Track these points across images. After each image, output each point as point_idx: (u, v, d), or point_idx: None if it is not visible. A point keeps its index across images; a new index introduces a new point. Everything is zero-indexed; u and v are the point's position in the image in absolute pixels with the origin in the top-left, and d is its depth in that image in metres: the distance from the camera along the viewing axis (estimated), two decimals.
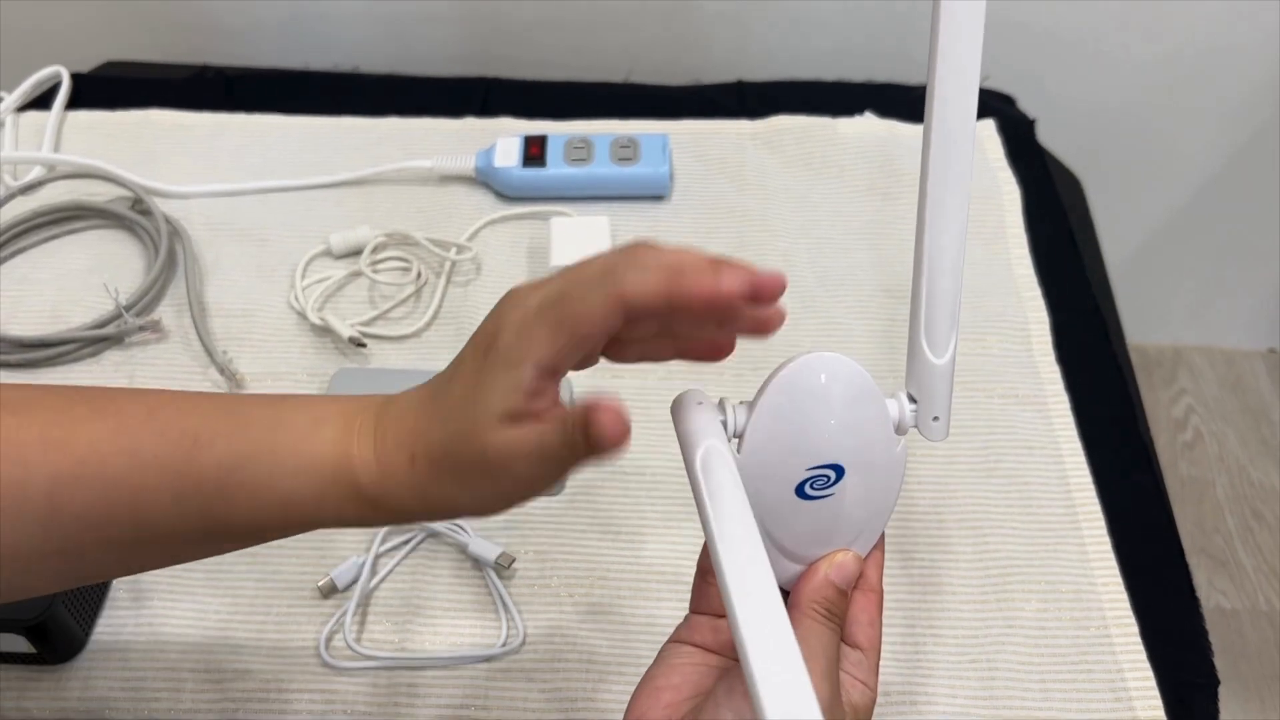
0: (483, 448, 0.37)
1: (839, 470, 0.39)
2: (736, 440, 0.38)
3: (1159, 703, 0.57)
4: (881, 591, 0.42)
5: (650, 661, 0.42)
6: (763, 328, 0.37)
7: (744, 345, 0.39)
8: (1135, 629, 0.60)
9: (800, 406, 0.38)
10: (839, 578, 0.40)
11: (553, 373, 0.36)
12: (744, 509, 0.34)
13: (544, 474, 0.37)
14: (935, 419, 0.40)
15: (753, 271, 0.34)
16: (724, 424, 0.38)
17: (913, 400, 0.40)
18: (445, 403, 0.39)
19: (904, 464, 0.41)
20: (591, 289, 0.35)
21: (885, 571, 0.61)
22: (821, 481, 0.39)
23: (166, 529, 0.40)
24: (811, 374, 0.38)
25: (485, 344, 0.37)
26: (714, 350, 0.39)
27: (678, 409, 0.38)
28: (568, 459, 0.36)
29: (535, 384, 0.36)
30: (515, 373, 0.36)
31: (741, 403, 0.39)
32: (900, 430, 0.40)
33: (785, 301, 0.81)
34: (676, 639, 0.41)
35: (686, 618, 0.42)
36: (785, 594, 0.41)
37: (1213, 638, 0.62)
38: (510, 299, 0.38)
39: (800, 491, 0.39)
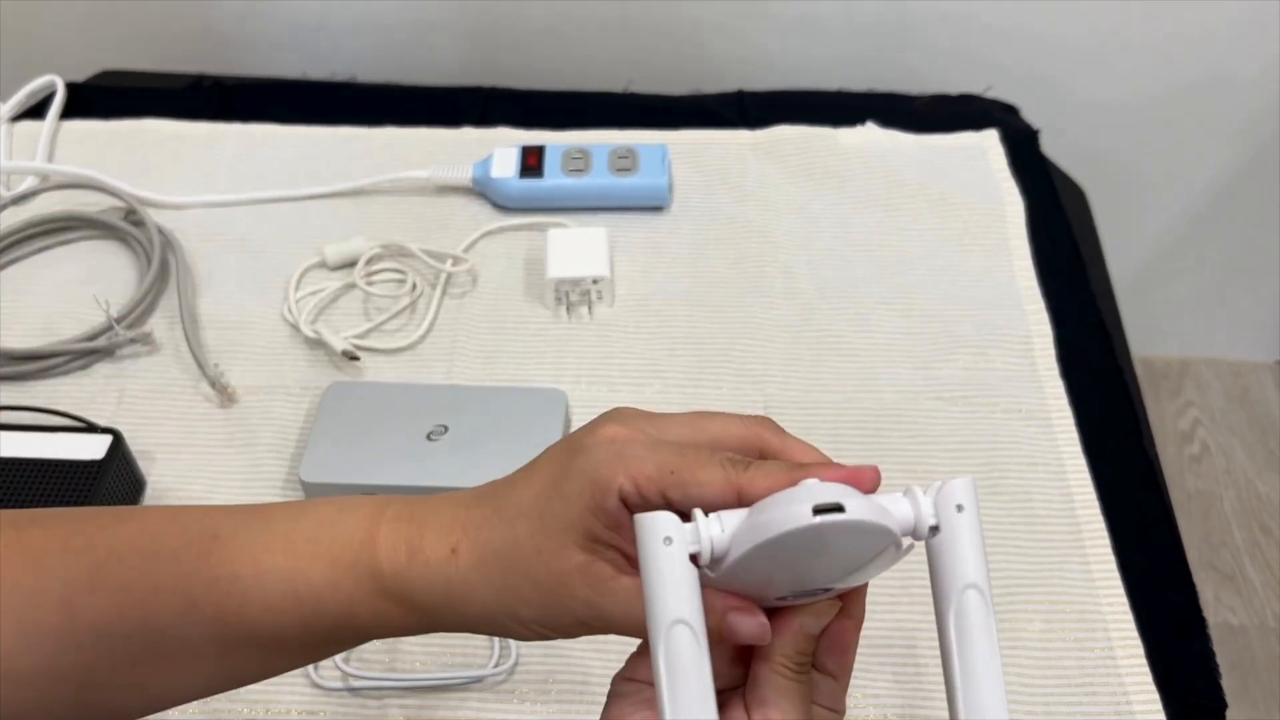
0: (549, 560, 0.35)
1: (826, 589, 0.35)
2: (711, 561, 0.33)
3: None
4: (861, 617, 0.38)
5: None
6: None
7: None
8: (1140, 650, 0.59)
9: (794, 560, 0.32)
10: (814, 626, 0.36)
11: (639, 507, 0.34)
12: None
13: (625, 626, 0.35)
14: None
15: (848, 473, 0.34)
16: (696, 555, 0.32)
17: (934, 530, 0.34)
18: (507, 501, 0.37)
19: (908, 552, 0.35)
20: (712, 468, 0.34)
21: (887, 591, 0.60)
22: (806, 596, 0.35)
23: (177, 638, 0.37)
24: (815, 537, 0.31)
25: (571, 451, 0.36)
26: None
27: (641, 543, 0.32)
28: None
29: (619, 513, 0.34)
30: (601, 493, 0.34)
31: (721, 515, 0.33)
32: (916, 537, 0.34)
33: (784, 314, 0.80)
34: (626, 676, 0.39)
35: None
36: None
37: (1220, 654, 0.61)
38: (615, 415, 0.37)
39: (780, 598, 0.35)
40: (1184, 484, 1.41)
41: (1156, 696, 0.57)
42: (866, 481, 0.34)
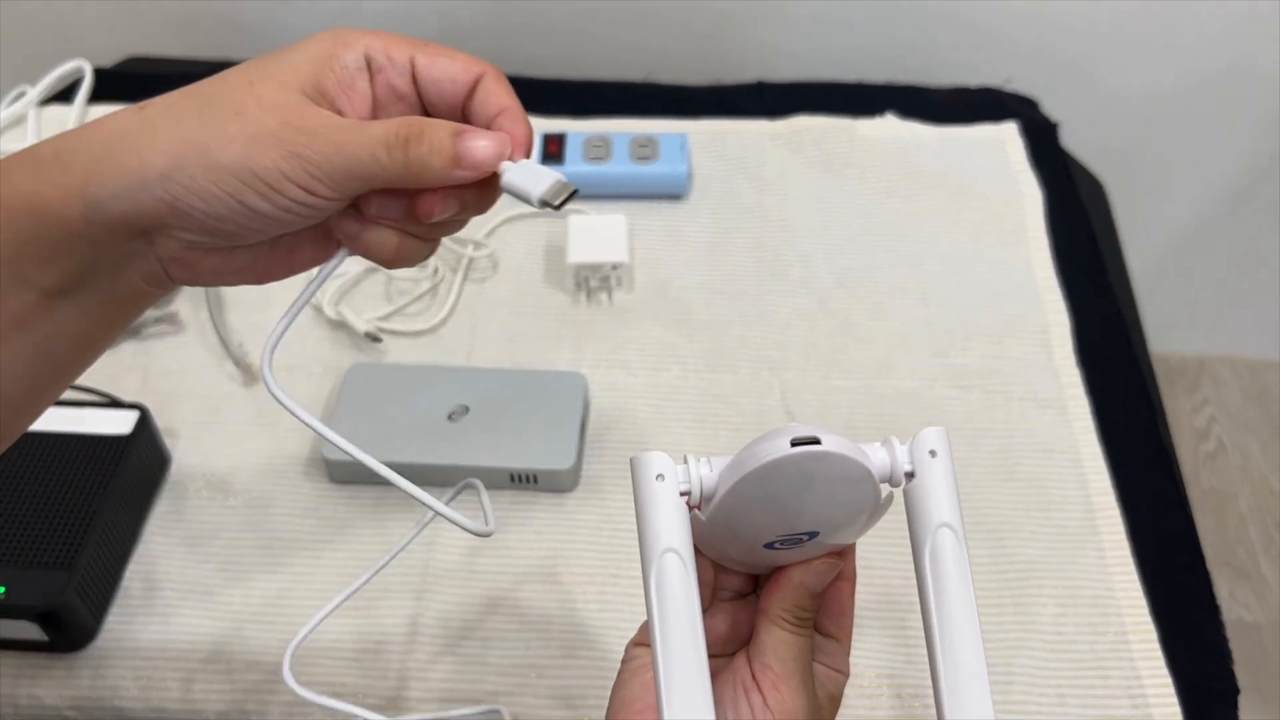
0: (261, 93, 0.35)
1: (813, 534, 0.36)
2: (702, 502, 0.35)
3: (1177, 710, 0.57)
4: (853, 578, 0.40)
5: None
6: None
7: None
8: (1154, 635, 0.59)
9: (778, 497, 0.34)
10: (815, 584, 0.38)
11: (386, 69, 0.38)
12: (694, 645, 0.34)
13: (332, 159, 0.35)
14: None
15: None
16: (687, 494, 0.35)
17: (910, 476, 0.36)
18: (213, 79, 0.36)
19: (889, 504, 0.37)
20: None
21: (899, 573, 0.61)
22: (793, 541, 0.36)
23: None
24: (794, 471, 0.33)
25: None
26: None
27: (636, 479, 0.35)
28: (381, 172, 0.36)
29: (355, 72, 0.38)
30: (343, 46, 0.37)
31: (710, 459, 0.35)
32: (894, 484, 0.36)
33: (802, 302, 0.80)
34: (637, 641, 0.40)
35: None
36: (756, 579, 0.40)
37: (1234, 651, 0.61)
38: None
39: (769, 545, 0.37)
40: (1199, 481, 1.41)
41: (1169, 680, 0.58)
42: (518, 145, 0.38)
